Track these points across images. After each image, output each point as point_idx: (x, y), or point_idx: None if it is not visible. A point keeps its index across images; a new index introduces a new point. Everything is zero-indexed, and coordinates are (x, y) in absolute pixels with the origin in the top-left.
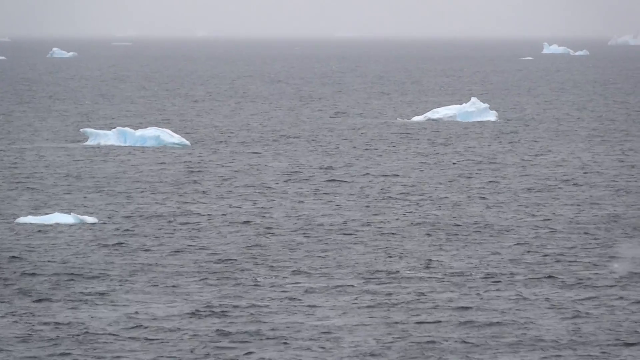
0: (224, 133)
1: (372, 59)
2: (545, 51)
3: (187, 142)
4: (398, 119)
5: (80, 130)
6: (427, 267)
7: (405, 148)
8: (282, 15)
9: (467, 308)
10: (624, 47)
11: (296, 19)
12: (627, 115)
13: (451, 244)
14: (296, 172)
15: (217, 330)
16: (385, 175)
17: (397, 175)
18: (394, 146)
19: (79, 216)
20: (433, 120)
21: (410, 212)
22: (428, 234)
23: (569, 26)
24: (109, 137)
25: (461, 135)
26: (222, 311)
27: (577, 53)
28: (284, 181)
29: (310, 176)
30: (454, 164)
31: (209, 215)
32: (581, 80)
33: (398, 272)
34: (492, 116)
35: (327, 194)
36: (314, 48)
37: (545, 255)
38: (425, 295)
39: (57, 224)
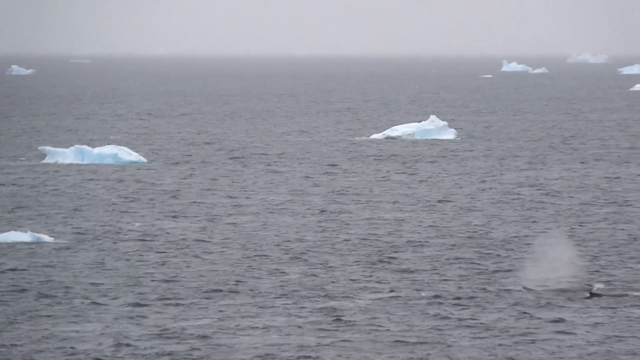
0: (182, 150)
1: (330, 76)
2: (504, 69)
3: (145, 160)
4: (356, 137)
5: (38, 148)
6: (362, 289)
7: (360, 166)
8: (240, 32)
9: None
10: (583, 65)
11: (254, 36)
12: (578, 130)
13: (388, 264)
14: (251, 190)
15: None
16: (342, 194)
17: (346, 193)
18: (350, 164)
19: (35, 234)
20: (392, 138)
21: (351, 232)
22: (368, 254)
23: (528, 44)
24: (66, 155)
25: (418, 152)
26: (175, 332)
27: (536, 71)
28: (244, 198)
29: (266, 194)
30: (403, 182)
31: (166, 232)
32: (538, 97)
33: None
34: (450, 134)
35: (275, 212)
36: (271, 66)
37: (481, 273)
38: (369, 312)
39: (14, 242)
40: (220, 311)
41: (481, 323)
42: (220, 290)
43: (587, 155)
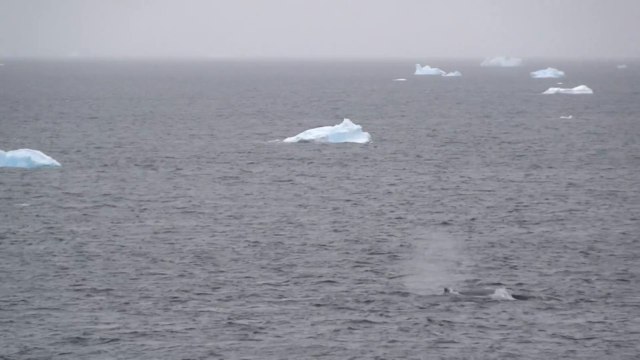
0: (95, 154)
1: (245, 80)
2: (418, 72)
3: (58, 164)
4: (269, 140)
5: None
6: (243, 294)
7: (270, 170)
8: (154, 36)
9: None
10: (496, 69)
11: (169, 39)
12: (487, 133)
13: (290, 268)
14: (159, 195)
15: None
16: (252, 197)
17: (255, 197)
18: (260, 167)
19: None
20: (305, 141)
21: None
22: (274, 259)
23: (443, 48)
24: None
25: (332, 156)
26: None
27: (449, 74)
28: (152, 202)
29: (171, 198)
30: (314, 187)
31: (74, 235)
32: (450, 101)
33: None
34: (364, 137)
35: (181, 215)
36: (187, 69)
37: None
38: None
39: None
40: (124, 313)
41: (381, 325)
42: (122, 296)
43: (496, 158)
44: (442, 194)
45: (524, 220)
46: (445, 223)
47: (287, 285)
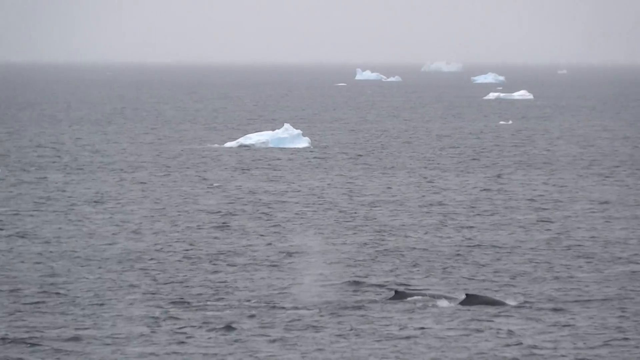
0: (36, 159)
1: (186, 84)
2: (358, 77)
3: None
4: (209, 144)
5: None
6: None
7: (212, 174)
8: (96, 40)
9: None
10: (437, 74)
11: (111, 44)
12: (418, 138)
13: (201, 273)
14: (100, 198)
15: None
16: (183, 201)
17: (184, 201)
18: (202, 171)
19: None
20: (245, 146)
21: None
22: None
23: (383, 52)
24: None
25: (270, 161)
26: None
27: (390, 79)
28: (91, 205)
29: (117, 202)
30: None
31: (22, 241)
32: (389, 106)
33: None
34: (304, 142)
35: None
36: (127, 73)
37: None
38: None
39: None
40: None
41: (330, 329)
42: (29, 303)
43: (435, 162)
44: (381, 197)
45: (472, 226)
46: (398, 225)
47: (226, 288)
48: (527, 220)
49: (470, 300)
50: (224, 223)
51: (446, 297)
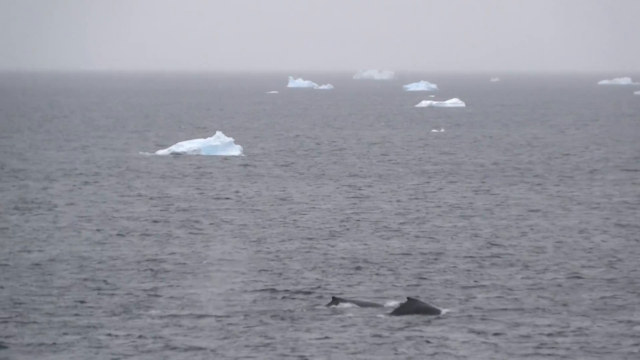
0: None
1: (117, 92)
2: (290, 85)
3: None
4: (140, 152)
5: None
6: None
7: (140, 183)
8: (26, 46)
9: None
10: (369, 81)
11: (42, 50)
12: (348, 146)
13: (155, 283)
14: (26, 205)
15: None
16: (105, 209)
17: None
18: (132, 179)
19: None
20: (177, 154)
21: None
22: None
23: (316, 60)
24: None
25: (202, 169)
26: None
27: (322, 87)
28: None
29: (44, 209)
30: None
31: None
32: (321, 114)
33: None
34: (236, 150)
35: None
36: (57, 80)
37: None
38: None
39: None
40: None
41: (261, 339)
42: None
43: (370, 173)
44: (312, 205)
45: (403, 234)
46: (327, 232)
47: (151, 297)
48: (456, 228)
49: (406, 307)
50: (151, 230)
51: (379, 304)
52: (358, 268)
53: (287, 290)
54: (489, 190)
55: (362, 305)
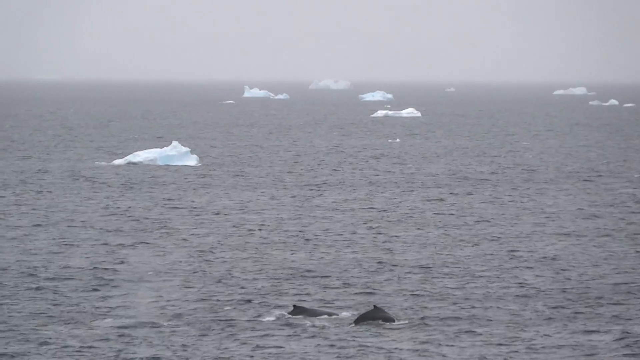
0: None
1: (71, 100)
2: (246, 94)
3: None
4: (96, 162)
5: None
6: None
7: (94, 193)
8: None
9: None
10: (325, 91)
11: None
12: (304, 155)
13: (109, 292)
14: None
15: None
16: (68, 220)
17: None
18: (88, 189)
19: None
20: (134, 163)
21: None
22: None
23: (272, 70)
24: None
25: (158, 178)
26: None
27: (278, 97)
28: None
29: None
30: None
31: None
32: (277, 124)
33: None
34: (193, 160)
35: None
36: (10, 90)
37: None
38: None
39: None
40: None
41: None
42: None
43: (325, 183)
44: (267, 215)
45: (363, 242)
46: (285, 242)
47: (102, 307)
48: (410, 237)
49: (366, 315)
50: (104, 240)
51: (336, 313)
52: (314, 277)
53: (246, 301)
54: (442, 200)
55: (322, 314)
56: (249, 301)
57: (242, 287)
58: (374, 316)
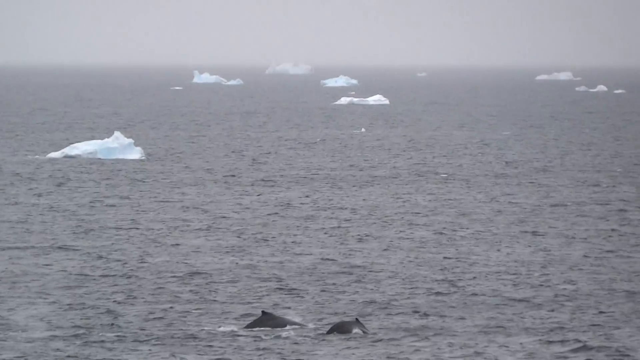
0: None
1: (3, 88)
2: (196, 80)
3: None
4: (28, 155)
5: None
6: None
7: (23, 189)
8: None
9: None
10: (283, 76)
11: None
12: (270, 148)
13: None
14: None
15: None
16: None
17: None
18: (9, 187)
19: None
20: (71, 157)
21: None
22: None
23: (224, 54)
24: None
25: (97, 173)
26: None
27: (230, 82)
28: None
29: None
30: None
31: None
32: (231, 111)
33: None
34: (137, 153)
35: None
36: None
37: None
38: None
39: None
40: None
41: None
42: None
43: (282, 178)
44: (221, 211)
45: (323, 240)
46: (239, 241)
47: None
48: (370, 237)
49: (336, 328)
50: (32, 242)
51: (305, 323)
52: (282, 281)
53: (215, 301)
54: (408, 195)
55: (291, 322)
56: (219, 304)
57: (197, 292)
58: (341, 328)
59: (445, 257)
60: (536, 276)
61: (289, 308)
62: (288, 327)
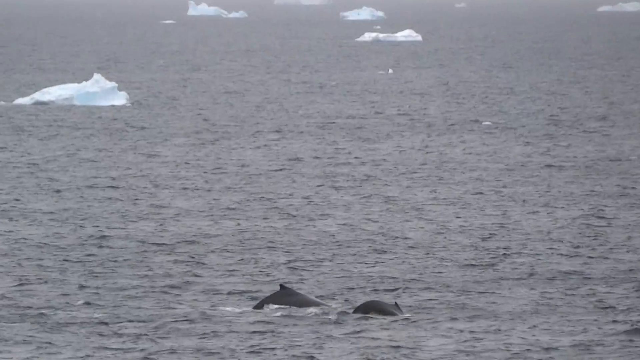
0: None
1: None
2: (191, 12)
3: None
4: None
5: None
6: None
7: None
8: None
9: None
10: (295, 7)
11: None
12: (275, 98)
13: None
14: None
15: None
16: None
17: None
18: None
19: None
20: (42, 103)
21: None
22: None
23: None
24: None
25: (74, 122)
26: None
27: (232, 15)
28: None
29: None
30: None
31: None
32: (234, 49)
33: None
34: (121, 98)
35: None
36: None
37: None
38: None
39: None
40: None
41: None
42: None
43: (295, 129)
44: (220, 167)
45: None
46: (237, 203)
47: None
48: (387, 193)
49: (364, 307)
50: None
51: (321, 302)
52: (273, 248)
53: (211, 275)
54: (442, 148)
55: (311, 300)
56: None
57: (189, 263)
58: (373, 308)
59: (484, 224)
60: (594, 245)
61: (303, 282)
62: (309, 306)
